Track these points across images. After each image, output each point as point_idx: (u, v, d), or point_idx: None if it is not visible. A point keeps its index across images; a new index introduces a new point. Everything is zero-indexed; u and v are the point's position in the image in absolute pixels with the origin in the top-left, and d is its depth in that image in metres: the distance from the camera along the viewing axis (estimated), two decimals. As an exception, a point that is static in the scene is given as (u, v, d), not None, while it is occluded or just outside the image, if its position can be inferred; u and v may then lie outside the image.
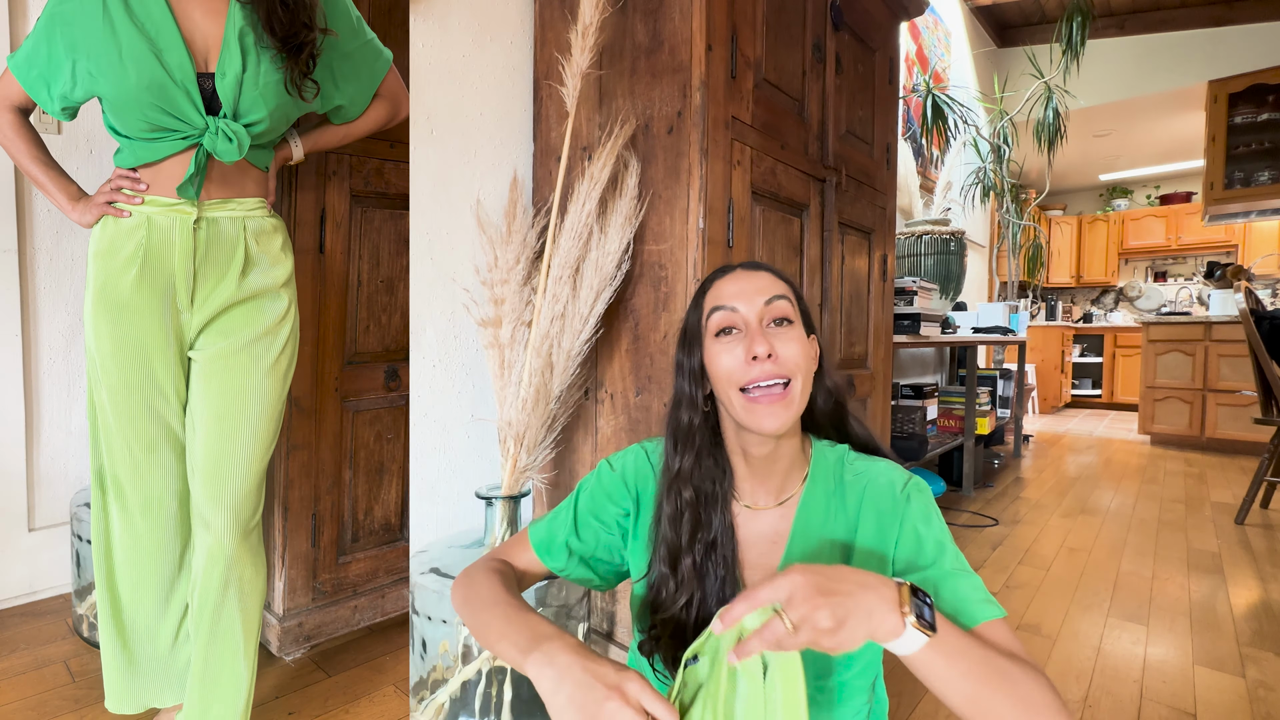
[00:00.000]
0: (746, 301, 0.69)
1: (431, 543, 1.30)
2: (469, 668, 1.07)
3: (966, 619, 0.61)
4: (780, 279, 0.72)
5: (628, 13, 1.31)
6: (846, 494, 0.71)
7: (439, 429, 1.40)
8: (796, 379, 0.67)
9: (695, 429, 0.72)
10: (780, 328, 0.68)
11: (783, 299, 0.69)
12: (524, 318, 1.23)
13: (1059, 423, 5.64)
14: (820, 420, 0.77)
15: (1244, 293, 2.78)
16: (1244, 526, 2.62)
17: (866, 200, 1.79)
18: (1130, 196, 7.16)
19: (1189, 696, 1.39)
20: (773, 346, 0.66)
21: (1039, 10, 4.96)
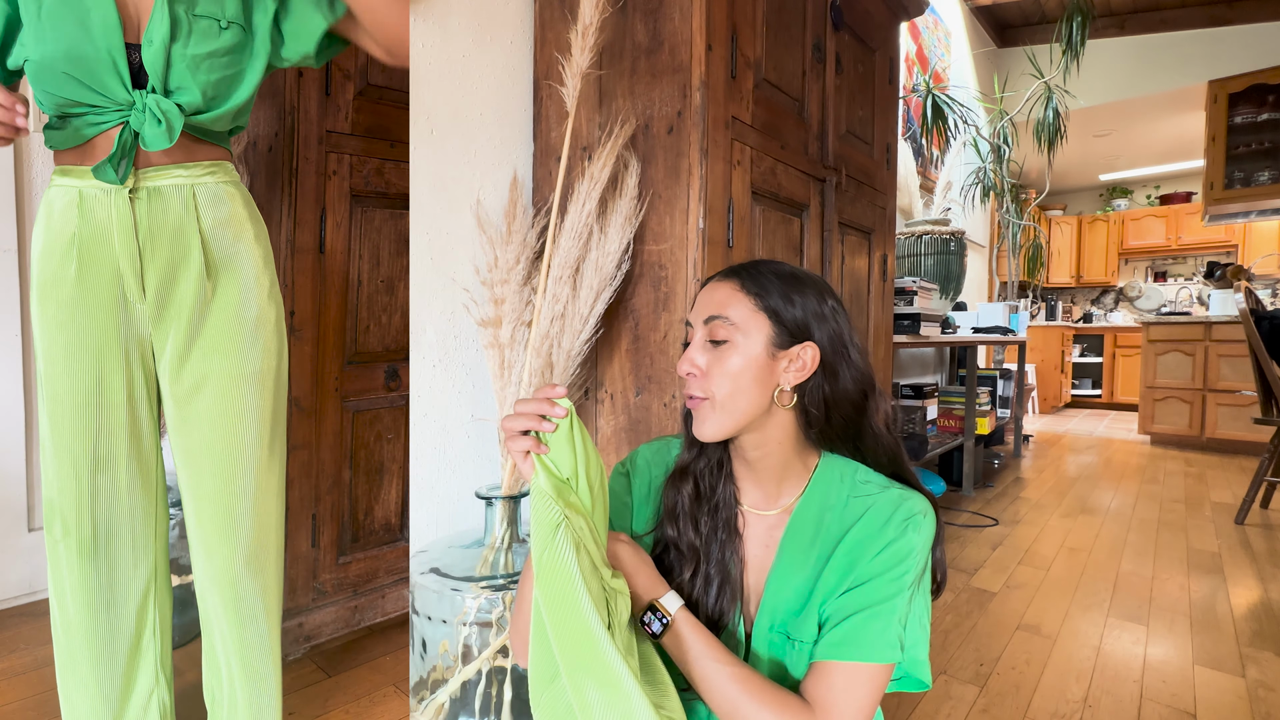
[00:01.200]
0: (696, 316, 0.72)
1: (431, 543, 1.30)
2: (469, 668, 1.07)
3: (825, 648, 0.65)
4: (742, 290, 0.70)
5: (628, 13, 1.31)
6: (845, 516, 0.71)
7: (439, 429, 1.40)
8: (712, 399, 0.69)
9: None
10: (715, 347, 0.70)
11: (720, 320, 0.69)
12: (524, 318, 1.23)
13: (1059, 423, 5.64)
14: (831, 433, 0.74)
15: (1244, 293, 2.78)
16: (1244, 526, 2.62)
17: (866, 200, 1.79)
18: (1130, 196, 7.16)
19: (1189, 696, 1.39)
20: (696, 365, 0.70)
21: (1039, 10, 4.96)
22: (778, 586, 0.71)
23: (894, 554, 0.66)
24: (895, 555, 0.66)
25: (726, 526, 0.73)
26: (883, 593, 0.65)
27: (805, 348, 0.70)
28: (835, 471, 0.74)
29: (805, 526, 0.72)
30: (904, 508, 0.68)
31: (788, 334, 0.70)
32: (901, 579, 0.65)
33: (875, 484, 0.71)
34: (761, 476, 0.74)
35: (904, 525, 0.67)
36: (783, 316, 0.70)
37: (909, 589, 0.65)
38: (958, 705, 1.34)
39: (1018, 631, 1.67)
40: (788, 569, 0.71)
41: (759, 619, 0.72)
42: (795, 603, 0.70)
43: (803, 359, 0.70)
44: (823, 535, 0.71)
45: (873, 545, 0.67)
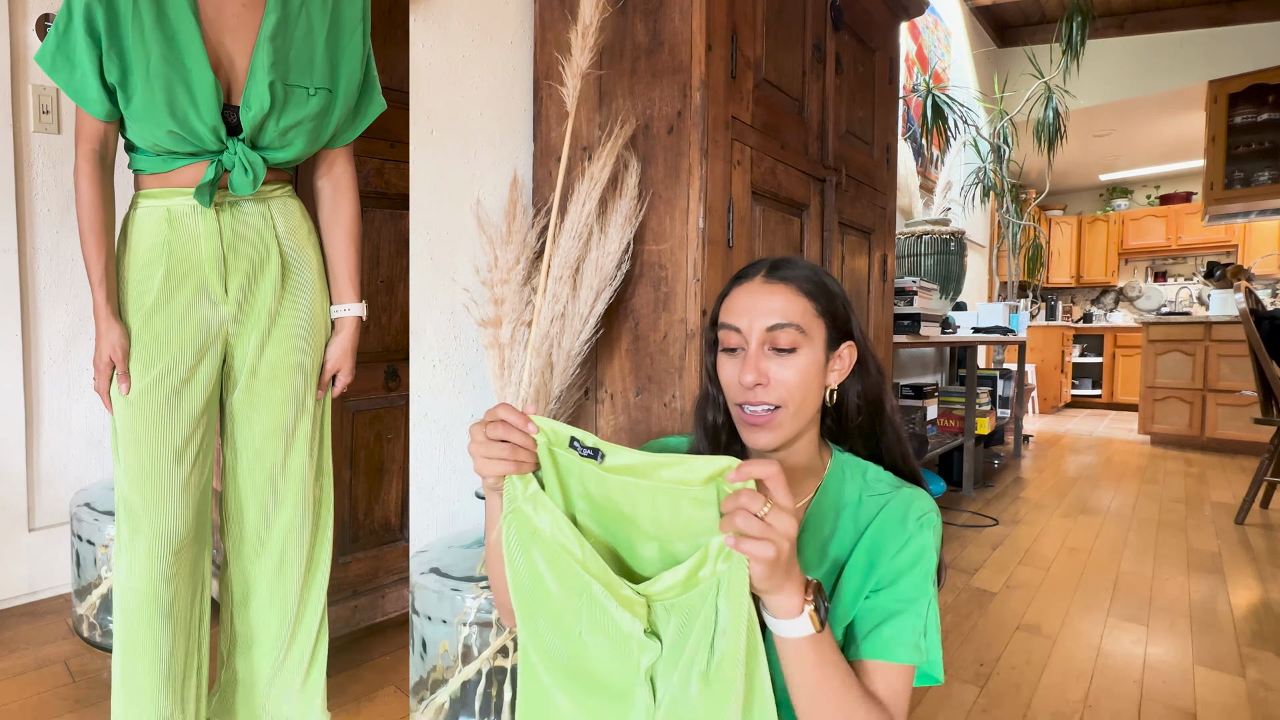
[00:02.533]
0: (750, 321, 0.68)
1: (431, 543, 1.30)
2: (469, 668, 1.07)
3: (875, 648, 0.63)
4: (800, 293, 0.68)
5: (628, 13, 1.31)
6: (860, 514, 0.70)
7: (439, 429, 1.40)
8: (786, 408, 0.66)
9: (720, 427, 0.74)
10: (780, 355, 0.67)
11: (789, 327, 0.66)
12: (524, 318, 1.23)
13: (1059, 423, 5.64)
14: (849, 428, 0.75)
15: (1244, 293, 2.78)
16: (1244, 526, 2.62)
17: (866, 200, 1.79)
18: (1130, 196, 7.16)
19: (1189, 696, 1.39)
20: (765, 374, 0.66)
21: (1039, 10, 4.96)
22: None
23: (915, 552, 0.66)
24: (916, 553, 0.66)
25: None
26: (913, 592, 0.65)
27: (848, 346, 0.71)
28: (847, 469, 0.74)
29: (820, 525, 0.71)
30: (916, 505, 0.68)
31: (838, 335, 0.71)
32: (926, 579, 0.66)
33: (886, 483, 0.72)
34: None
35: (920, 523, 0.67)
36: (836, 318, 0.71)
37: (932, 588, 0.66)
38: (958, 705, 1.34)
39: (1018, 631, 1.67)
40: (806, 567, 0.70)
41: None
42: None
43: (847, 358, 0.71)
44: (838, 535, 0.70)
45: (892, 543, 0.67)
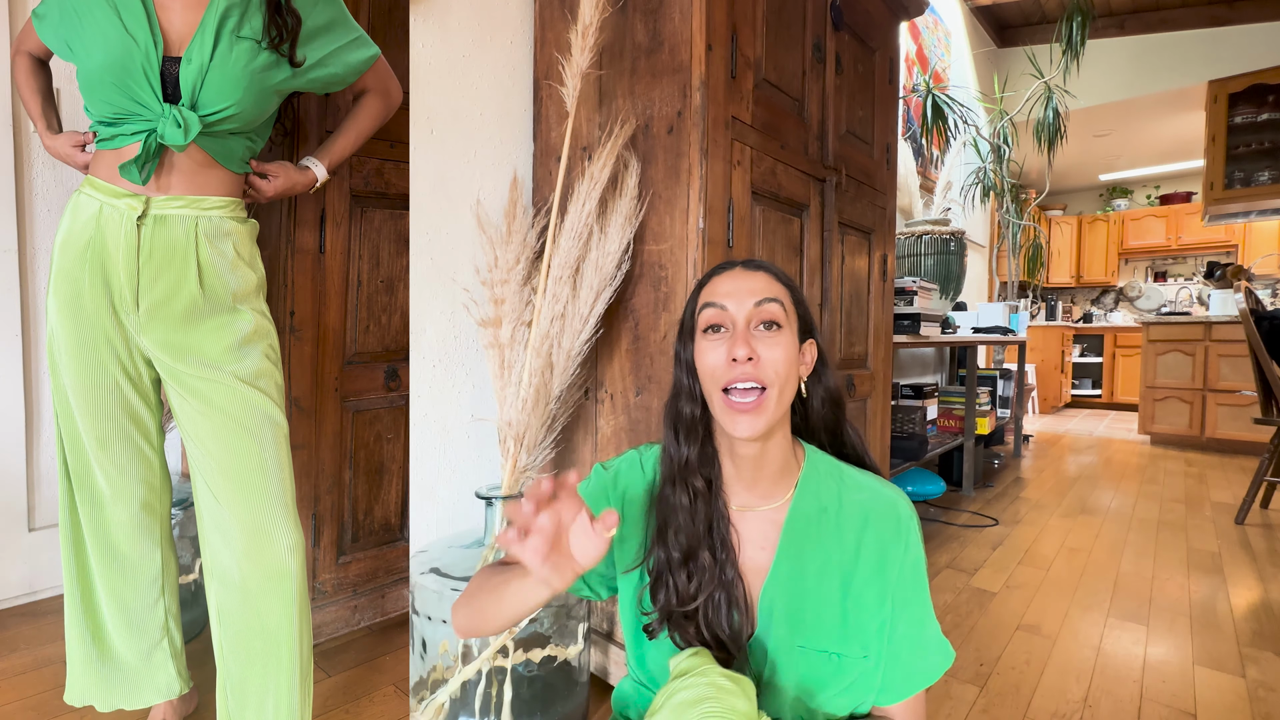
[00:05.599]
0: (737, 301, 0.68)
1: (431, 543, 1.30)
2: (469, 668, 1.07)
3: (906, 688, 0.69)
4: (778, 281, 0.71)
5: (628, 13, 1.31)
6: (845, 517, 0.70)
7: (439, 429, 1.40)
8: (773, 388, 0.66)
9: (697, 420, 0.71)
10: (768, 331, 0.67)
11: (774, 302, 0.68)
12: (524, 318, 1.23)
13: (1059, 423, 5.64)
14: (815, 424, 0.76)
15: (1244, 293, 2.78)
16: (1244, 526, 2.62)
17: (866, 200, 1.79)
18: (1130, 196, 7.16)
19: (1189, 696, 1.39)
20: (755, 350, 0.66)
21: (1039, 10, 4.96)
22: (785, 589, 0.69)
23: (916, 562, 0.70)
24: (917, 563, 0.70)
25: (724, 543, 0.70)
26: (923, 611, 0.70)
27: (809, 345, 0.73)
28: (821, 466, 0.74)
29: (804, 525, 0.71)
30: (900, 506, 0.71)
31: (804, 330, 0.72)
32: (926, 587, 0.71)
33: (864, 479, 0.74)
34: (761, 475, 0.71)
35: (909, 527, 0.70)
36: (803, 313, 0.72)
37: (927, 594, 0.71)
38: (958, 705, 1.34)
39: (1018, 631, 1.67)
40: (793, 569, 0.70)
41: (765, 624, 0.69)
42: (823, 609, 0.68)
43: (809, 355, 0.73)
44: (828, 534, 0.70)
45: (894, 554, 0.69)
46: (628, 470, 0.78)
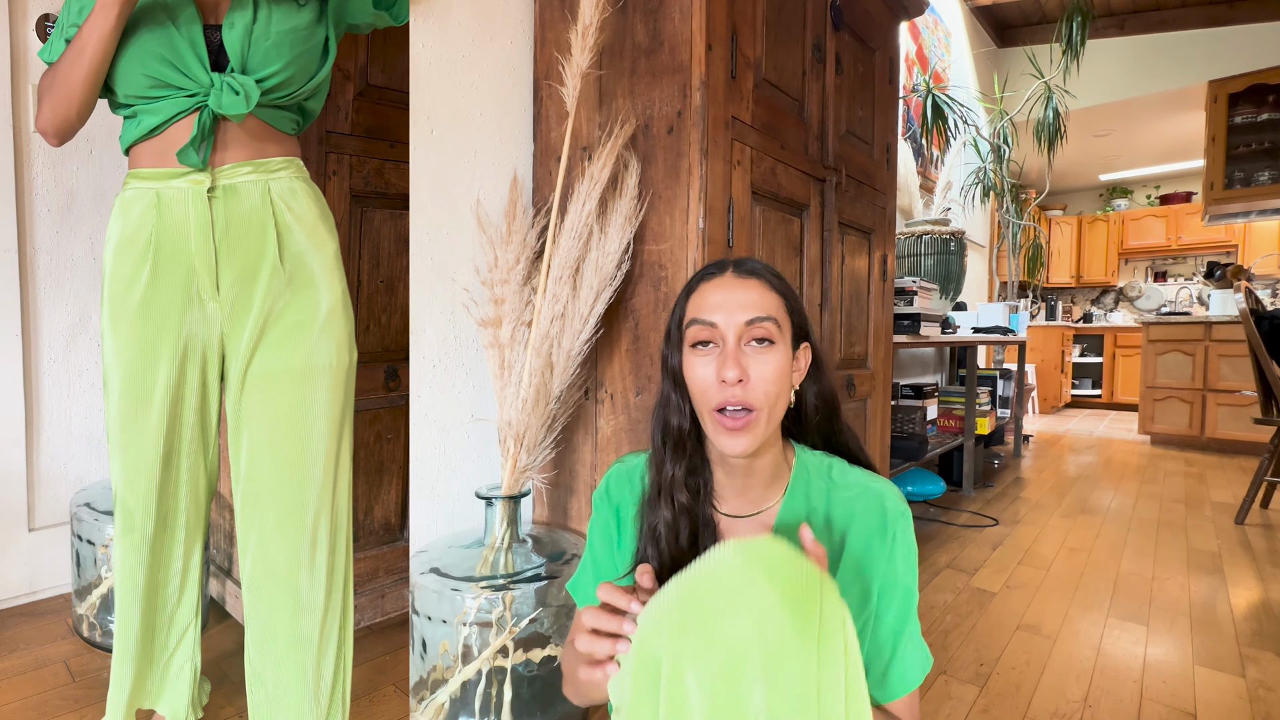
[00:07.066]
0: (727, 315, 0.65)
1: (431, 543, 1.30)
2: (469, 668, 1.07)
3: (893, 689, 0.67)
4: (772, 289, 0.68)
5: (628, 13, 1.31)
6: (833, 517, 0.70)
7: (439, 429, 1.40)
8: (762, 411, 0.64)
9: (686, 435, 0.70)
10: (759, 347, 0.65)
11: (767, 321, 0.65)
12: (524, 318, 1.23)
13: (1059, 423, 5.64)
14: (808, 426, 0.75)
15: (1244, 293, 2.78)
16: (1244, 526, 2.62)
17: (866, 200, 1.79)
18: (1130, 196, 7.16)
19: (1189, 696, 1.39)
20: (745, 369, 0.64)
21: (1039, 10, 4.96)
22: None
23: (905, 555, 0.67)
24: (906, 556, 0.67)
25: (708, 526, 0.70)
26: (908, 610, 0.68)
27: (804, 349, 0.71)
28: (811, 466, 0.73)
29: (794, 526, 0.70)
30: (890, 502, 0.69)
31: (799, 334, 0.70)
32: (913, 585, 0.68)
33: (851, 476, 0.71)
34: (751, 482, 0.71)
35: (898, 521, 0.68)
36: (797, 317, 0.70)
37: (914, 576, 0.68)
38: (958, 705, 1.34)
39: (1018, 631, 1.67)
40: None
41: None
42: None
43: (804, 359, 0.71)
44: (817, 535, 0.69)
45: (879, 551, 0.67)
46: (616, 484, 0.78)
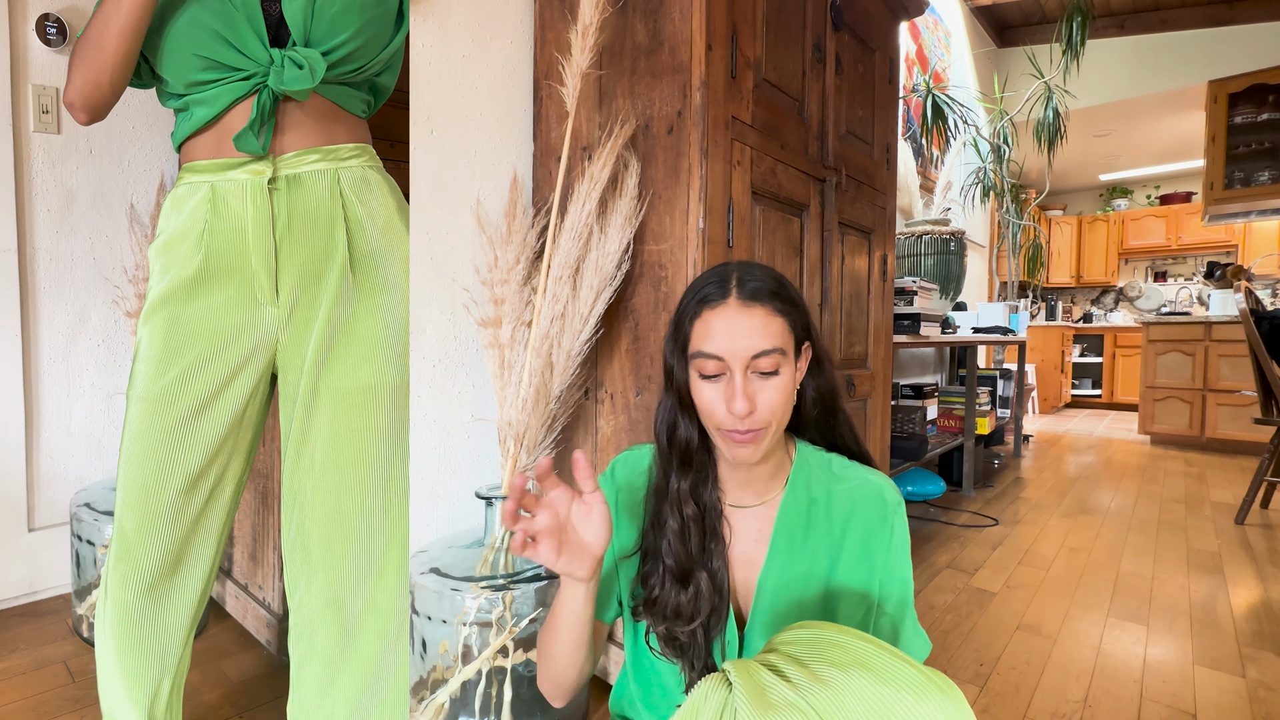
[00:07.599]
0: (732, 350, 0.65)
1: (431, 543, 1.30)
2: (469, 668, 1.07)
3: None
4: (777, 313, 0.67)
5: (628, 13, 1.31)
6: (833, 508, 0.73)
7: (439, 429, 1.40)
8: (769, 427, 0.67)
9: (693, 449, 0.72)
10: (765, 378, 0.66)
11: (773, 353, 0.65)
12: (524, 318, 1.23)
13: (1059, 423, 5.64)
14: (807, 421, 0.76)
15: (1244, 293, 2.78)
16: (1244, 526, 2.62)
17: (866, 200, 1.79)
18: (1130, 196, 7.16)
19: (1189, 696, 1.39)
20: (753, 400, 0.65)
21: (1039, 10, 4.96)
22: (776, 581, 0.71)
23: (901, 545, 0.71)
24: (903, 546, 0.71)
25: (714, 533, 0.72)
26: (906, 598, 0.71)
27: (806, 347, 0.72)
28: (812, 458, 0.76)
29: (796, 517, 0.73)
30: (887, 493, 0.73)
31: (801, 339, 0.72)
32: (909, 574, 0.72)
33: (851, 469, 0.75)
34: (754, 476, 0.74)
35: (895, 511, 0.72)
36: (798, 326, 0.71)
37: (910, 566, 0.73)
38: (958, 705, 1.34)
39: (1018, 631, 1.67)
40: (785, 561, 0.72)
41: (756, 615, 0.71)
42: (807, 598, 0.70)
43: (806, 357, 0.73)
44: (818, 525, 0.72)
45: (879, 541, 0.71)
46: (624, 469, 0.80)
